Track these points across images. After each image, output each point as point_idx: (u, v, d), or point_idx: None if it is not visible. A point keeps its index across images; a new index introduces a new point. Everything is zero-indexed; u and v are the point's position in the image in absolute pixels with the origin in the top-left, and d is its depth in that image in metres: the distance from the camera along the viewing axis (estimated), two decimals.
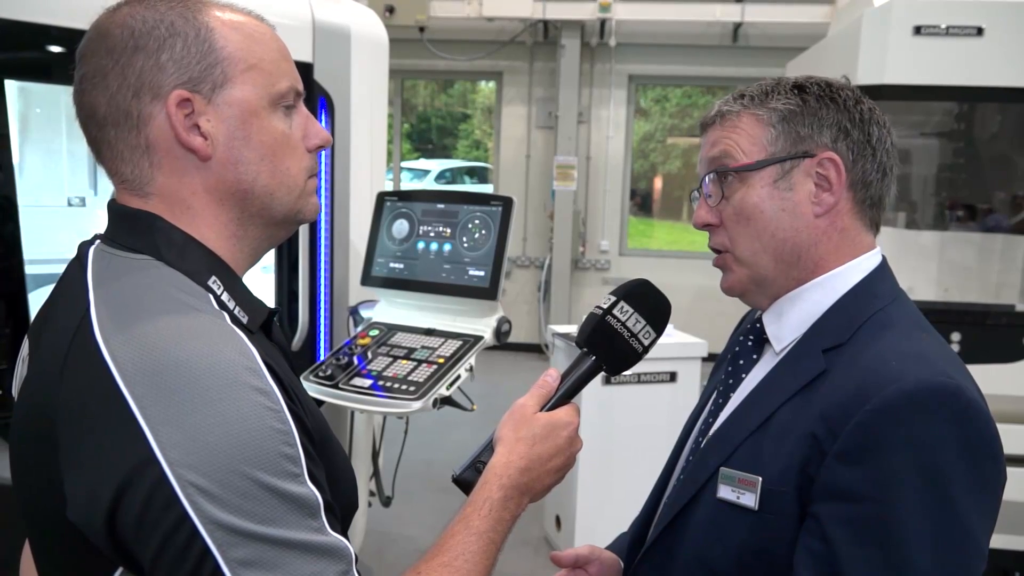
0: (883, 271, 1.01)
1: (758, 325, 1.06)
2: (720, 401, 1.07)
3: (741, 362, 1.07)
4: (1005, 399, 3.10)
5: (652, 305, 1.01)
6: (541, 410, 0.96)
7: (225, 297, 0.82)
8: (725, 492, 0.95)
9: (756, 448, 0.94)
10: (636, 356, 1.00)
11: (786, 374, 0.97)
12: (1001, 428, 0.88)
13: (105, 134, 0.82)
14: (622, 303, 0.99)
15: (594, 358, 1.00)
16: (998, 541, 0.90)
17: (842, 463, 0.85)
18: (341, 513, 0.88)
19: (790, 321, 1.01)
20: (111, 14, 0.83)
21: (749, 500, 0.92)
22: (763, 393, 0.98)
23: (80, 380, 0.73)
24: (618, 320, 0.98)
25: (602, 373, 1.01)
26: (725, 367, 1.09)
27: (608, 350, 1.00)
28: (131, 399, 0.69)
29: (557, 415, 0.95)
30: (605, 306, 1.00)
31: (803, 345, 0.98)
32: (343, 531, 0.77)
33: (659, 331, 1.01)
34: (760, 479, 0.91)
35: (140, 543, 0.69)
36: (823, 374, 0.93)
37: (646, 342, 1.00)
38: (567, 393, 0.99)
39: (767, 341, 1.04)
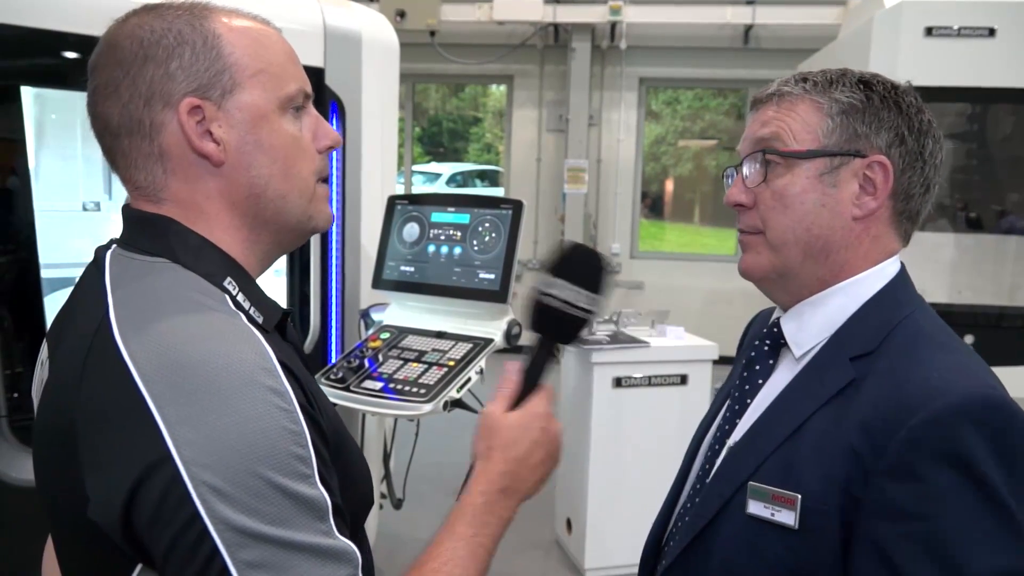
0: (904, 277, 0.99)
1: (775, 329, 1.03)
2: (736, 407, 1.04)
3: (757, 367, 1.04)
4: (1020, 402, 3.07)
5: (584, 270, 0.96)
6: (513, 407, 0.94)
7: (240, 298, 0.82)
8: (757, 508, 0.91)
9: (787, 461, 0.91)
10: (584, 322, 0.96)
11: (813, 382, 0.94)
12: None
13: (119, 143, 0.83)
14: (555, 280, 0.95)
15: (547, 337, 0.97)
16: None
17: (893, 481, 0.83)
18: (356, 510, 0.89)
19: (811, 326, 0.98)
20: (120, 25, 0.84)
21: (787, 518, 0.89)
22: (789, 402, 0.95)
23: (100, 381, 0.74)
24: (556, 298, 0.94)
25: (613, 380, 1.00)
26: (739, 372, 1.06)
27: (557, 327, 0.96)
28: (149, 398, 0.70)
29: (526, 412, 0.93)
30: (541, 287, 0.96)
31: (828, 352, 0.95)
32: (352, 533, 0.77)
33: (599, 290, 0.96)
34: (799, 496, 0.88)
35: (152, 540, 0.70)
36: (853, 383, 0.90)
37: (591, 307, 0.95)
38: (531, 380, 0.96)
39: (784, 346, 1.01)
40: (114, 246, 0.86)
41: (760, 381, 1.03)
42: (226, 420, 0.69)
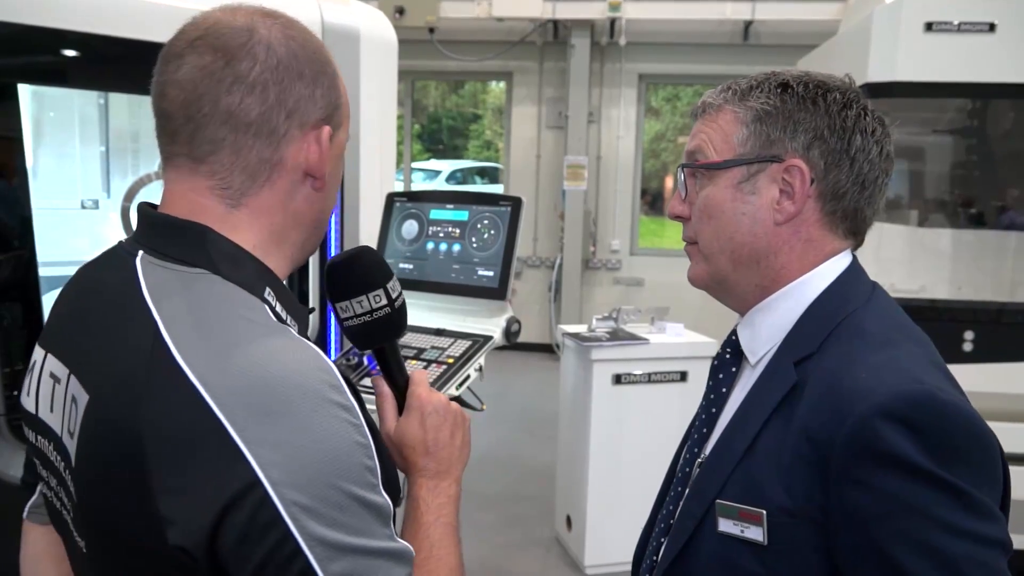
0: (853, 273, 0.98)
1: (733, 337, 1.04)
2: (703, 416, 1.05)
3: (720, 376, 1.05)
4: (1020, 398, 3.08)
5: (348, 281, 0.96)
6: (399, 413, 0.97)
7: (279, 308, 0.83)
8: (727, 526, 0.92)
9: (748, 477, 0.92)
10: (396, 314, 0.98)
11: (763, 391, 0.95)
12: (1017, 427, 0.87)
13: (241, 139, 0.82)
14: (340, 305, 0.96)
15: (381, 346, 0.99)
16: (1015, 542, 0.89)
17: (846, 488, 0.83)
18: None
19: (762, 332, 0.99)
20: (266, 27, 0.83)
21: (756, 534, 0.89)
22: (745, 413, 0.96)
23: (169, 405, 0.72)
24: (354, 317, 0.96)
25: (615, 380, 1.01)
26: (708, 381, 1.07)
27: (379, 333, 0.98)
28: (227, 422, 0.70)
29: (410, 412, 0.97)
30: (340, 317, 0.98)
31: (777, 358, 0.96)
32: None
33: (383, 283, 0.96)
34: (764, 512, 0.88)
35: (239, 561, 0.70)
36: (796, 388, 0.91)
37: (385, 300, 0.96)
38: (397, 382, 1.00)
39: (744, 353, 1.02)
40: (141, 253, 0.82)
41: (724, 390, 1.04)
42: (306, 439, 0.71)
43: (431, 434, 0.95)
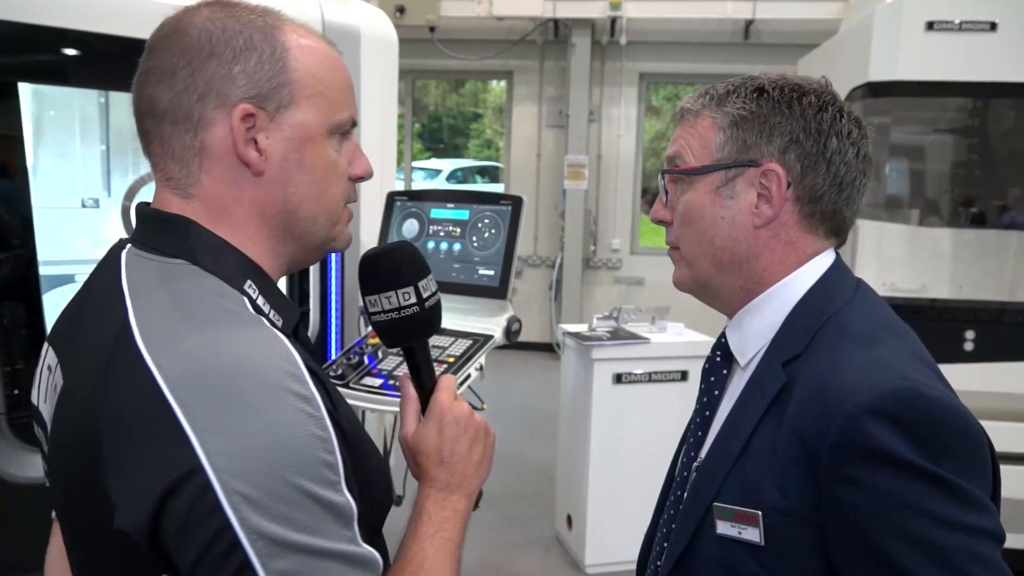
0: (836, 271, 0.99)
1: (723, 340, 1.05)
2: (698, 420, 1.06)
3: (712, 379, 1.06)
4: (1021, 398, 3.07)
5: (382, 274, 0.94)
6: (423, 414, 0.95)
7: (260, 301, 0.82)
8: (724, 528, 0.93)
9: (743, 478, 0.92)
10: (425, 314, 0.95)
11: (755, 392, 0.96)
12: (1017, 427, 0.87)
13: (160, 129, 0.83)
14: (370, 298, 0.95)
15: (411, 344, 0.97)
16: (1012, 541, 0.89)
17: (838, 487, 0.84)
18: (375, 511, 0.89)
19: (750, 333, 1.00)
20: (191, 14, 0.83)
21: (753, 535, 0.90)
22: (738, 417, 0.97)
23: (124, 389, 0.72)
24: (382, 312, 0.94)
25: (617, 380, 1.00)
26: (700, 384, 1.08)
27: (407, 331, 0.96)
28: (177, 406, 0.69)
29: (430, 419, 0.94)
30: (369, 311, 0.96)
31: (766, 360, 0.97)
32: (371, 536, 0.77)
33: (414, 281, 0.94)
34: (760, 513, 0.89)
35: (180, 550, 0.69)
36: (785, 388, 0.92)
37: (416, 298, 0.94)
38: (423, 384, 0.97)
39: (733, 355, 1.03)
40: (128, 246, 0.84)
41: (716, 392, 1.05)
42: (256, 427, 0.68)
43: (447, 444, 0.92)
